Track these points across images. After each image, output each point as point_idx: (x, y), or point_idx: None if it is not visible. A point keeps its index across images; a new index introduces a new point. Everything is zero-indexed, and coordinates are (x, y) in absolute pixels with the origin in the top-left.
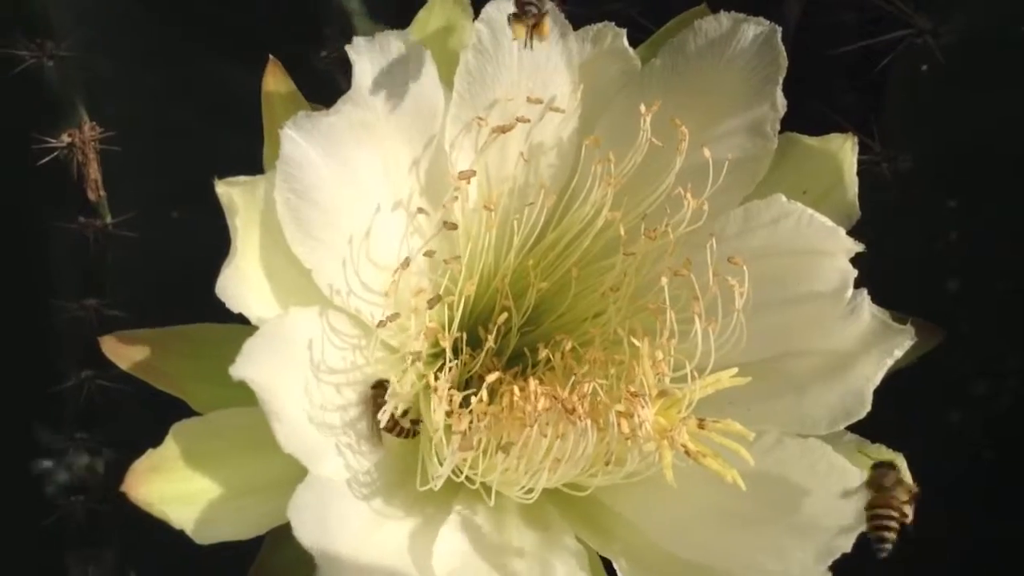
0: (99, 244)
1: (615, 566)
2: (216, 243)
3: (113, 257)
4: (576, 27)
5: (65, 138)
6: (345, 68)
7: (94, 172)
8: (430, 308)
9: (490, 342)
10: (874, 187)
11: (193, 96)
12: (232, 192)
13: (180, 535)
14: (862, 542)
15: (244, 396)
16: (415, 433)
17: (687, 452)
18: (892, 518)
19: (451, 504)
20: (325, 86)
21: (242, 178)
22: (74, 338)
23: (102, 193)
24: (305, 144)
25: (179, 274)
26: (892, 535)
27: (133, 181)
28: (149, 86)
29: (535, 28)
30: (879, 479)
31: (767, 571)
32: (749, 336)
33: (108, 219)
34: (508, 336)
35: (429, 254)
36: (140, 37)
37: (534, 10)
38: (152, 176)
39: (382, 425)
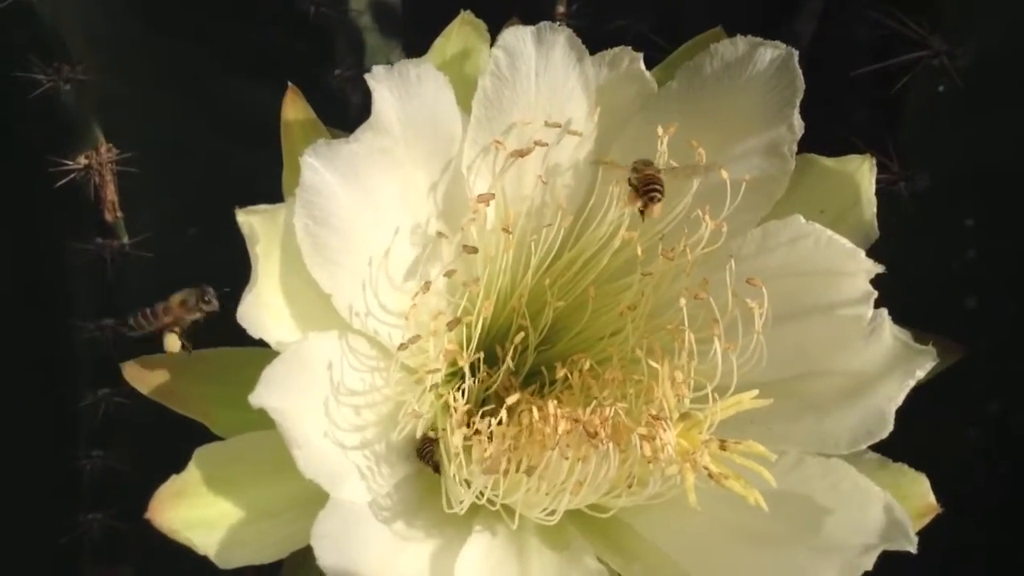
0: (116, 264)
1: None
2: (232, 260)
3: (130, 277)
4: (583, 42)
5: (82, 160)
6: (357, 86)
7: (111, 194)
8: (450, 331)
9: (508, 362)
10: (891, 206)
11: (206, 114)
12: (252, 221)
13: (196, 553)
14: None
15: (265, 419)
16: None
17: (709, 474)
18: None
19: (471, 525)
20: (337, 102)
21: (262, 207)
22: (91, 357)
23: (119, 214)
24: (325, 171)
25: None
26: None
27: (149, 200)
28: (163, 106)
29: (647, 206)
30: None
31: None
32: (769, 356)
33: (125, 239)
34: (525, 354)
35: (449, 274)
36: (152, 58)
37: (658, 196)
38: (168, 195)
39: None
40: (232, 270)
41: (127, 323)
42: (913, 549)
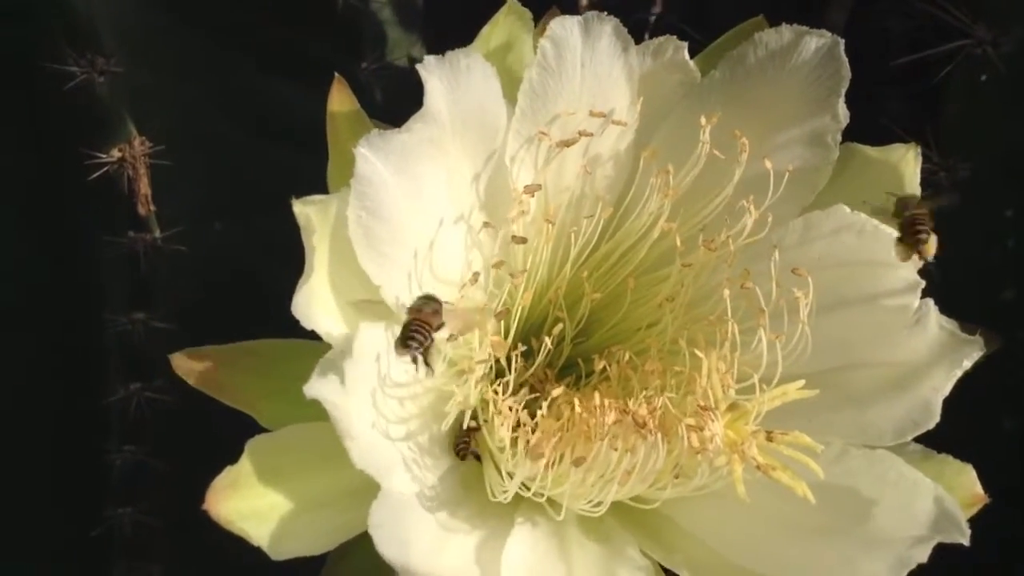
0: (148, 258)
1: None
2: (258, 253)
3: (161, 270)
4: None
5: (115, 153)
6: (380, 80)
7: (144, 187)
8: (499, 322)
9: (544, 351)
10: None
11: (235, 108)
12: (309, 211)
13: (225, 548)
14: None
15: (311, 411)
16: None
17: (757, 466)
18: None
19: (513, 516)
20: (363, 95)
21: (317, 197)
22: (122, 351)
23: (152, 208)
24: (378, 162)
25: (224, 285)
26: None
27: (178, 193)
28: (191, 99)
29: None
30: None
31: None
32: (813, 346)
33: (157, 233)
34: (561, 346)
35: (498, 265)
36: (182, 51)
37: (925, 236)
38: (197, 188)
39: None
40: (259, 262)
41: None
42: (966, 541)
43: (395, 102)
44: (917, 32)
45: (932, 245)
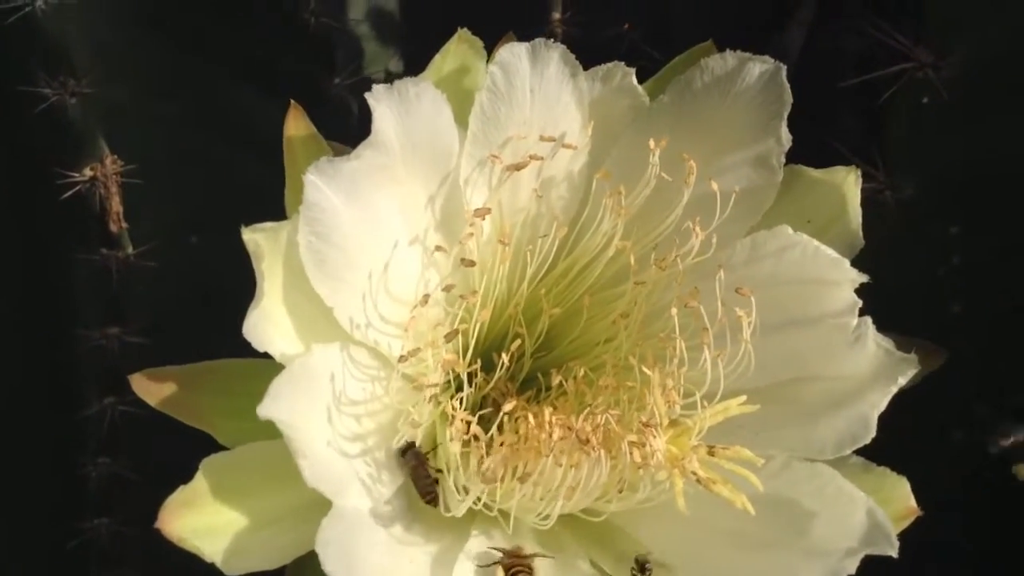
0: (121, 274)
1: None
2: (233, 267)
3: (134, 286)
4: (576, 51)
5: (87, 172)
6: (357, 94)
7: (116, 205)
8: (447, 342)
9: (504, 367)
10: (877, 214)
11: (208, 124)
12: (258, 238)
13: (201, 559)
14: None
15: (268, 430)
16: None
17: (698, 479)
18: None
19: (468, 530)
20: (338, 110)
21: (267, 224)
22: (96, 366)
23: (124, 225)
24: (327, 189)
25: (197, 299)
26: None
27: (152, 208)
28: (167, 114)
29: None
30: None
31: None
32: (757, 363)
33: (130, 250)
34: (521, 360)
35: (447, 288)
36: (157, 67)
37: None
38: (170, 203)
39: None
40: (234, 276)
41: None
42: (895, 553)
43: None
44: (870, 52)
45: None
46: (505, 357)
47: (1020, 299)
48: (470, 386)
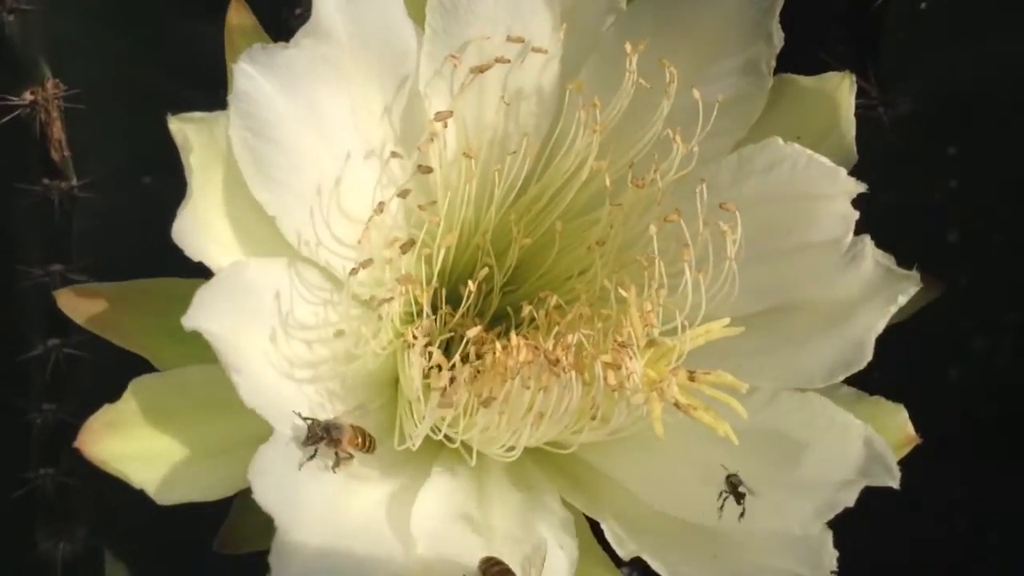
0: (64, 207)
1: (604, 529)
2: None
3: (79, 222)
4: None
5: (27, 96)
6: None
7: (58, 131)
8: (403, 253)
9: (471, 292)
10: (872, 134)
11: (162, 57)
12: (187, 129)
13: (151, 510)
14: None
15: (210, 354)
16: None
17: (677, 405)
18: None
19: (431, 467)
20: None
21: (198, 114)
22: (38, 305)
23: (66, 153)
24: (261, 78)
25: (149, 242)
26: None
27: (103, 146)
28: (116, 47)
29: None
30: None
31: (765, 529)
32: (744, 289)
33: (74, 181)
34: (491, 296)
35: (403, 194)
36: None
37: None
38: (122, 141)
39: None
40: None
41: None
42: (895, 484)
43: None
44: None
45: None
46: (472, 285)
47: (1019, 229)
48: (434, 316)
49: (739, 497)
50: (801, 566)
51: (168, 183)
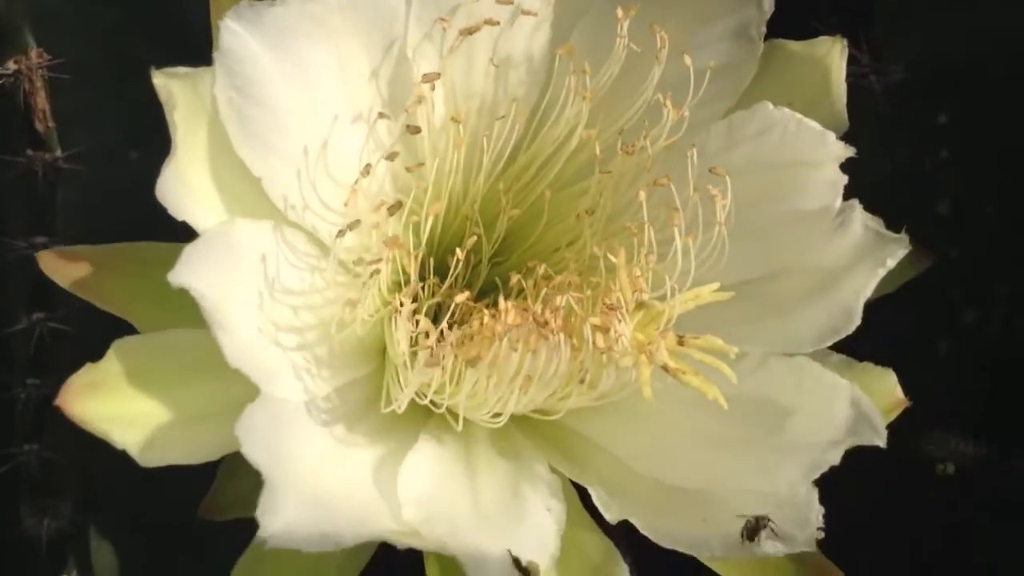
0: (48, 179)
1: (592, 494)
2: None
3: (64, 194)
4: None
5: (11, 65)
6: None
7: (42, 101)
8: (390, 215)
9: (459, 260)
10: (863, 102)
11: (148, 27)
12: (171, 84)
13: (137, 485)
14: None
15: (196, 319)
16: None
17: (666, 369)
18: None
19: (418, 433)
20: None
21: (183, 69)
22: (23, 278)
23: (51, 124)
24: (247, 35)
25: (135, 213)
26: None
27: (88, 117)
28: (101, 18)
29: None
30: None
31: (754, 492)
32: (733, 257)
33: (58, 152)
34: (479, 268)
35: (391, 157)
36: None
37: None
38: (108, 112)
39: None
40: None
41: None
42: (883, 443)
43: None
44: None
45: None
46: (460, 253)
47: (1010, 200)
48: (422, 283)
49: (753, 534)
50: (788, 524)
51: (154, 156)
